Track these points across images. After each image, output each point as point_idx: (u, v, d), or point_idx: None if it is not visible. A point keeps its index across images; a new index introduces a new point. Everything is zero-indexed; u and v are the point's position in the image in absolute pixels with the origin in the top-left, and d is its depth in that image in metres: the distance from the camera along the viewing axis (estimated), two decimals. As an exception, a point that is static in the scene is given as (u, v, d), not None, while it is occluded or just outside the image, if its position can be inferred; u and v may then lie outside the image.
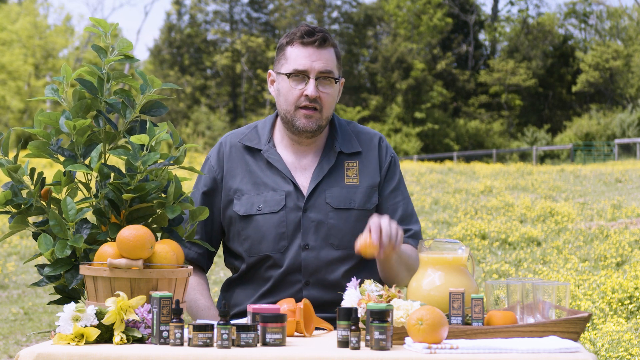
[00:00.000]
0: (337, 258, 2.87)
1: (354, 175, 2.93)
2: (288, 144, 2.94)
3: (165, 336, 2.23)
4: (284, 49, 2.89)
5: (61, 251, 2.42)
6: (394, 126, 42.87)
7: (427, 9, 45.72)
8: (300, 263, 2.86)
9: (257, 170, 2.92)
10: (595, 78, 43.66)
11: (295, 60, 2.85)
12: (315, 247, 2.86)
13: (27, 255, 10.82)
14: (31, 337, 7.24)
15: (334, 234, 2.86)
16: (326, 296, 2.86)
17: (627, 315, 6.69)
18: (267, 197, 2.88)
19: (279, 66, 2.90)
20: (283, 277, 2.87)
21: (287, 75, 2.86)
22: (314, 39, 2.84)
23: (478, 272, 9.09)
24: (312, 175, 2.91)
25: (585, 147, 37.30)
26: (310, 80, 2.84)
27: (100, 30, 2.62)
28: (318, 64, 2.84)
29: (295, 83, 2.85)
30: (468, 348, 2.14)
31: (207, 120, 43.21)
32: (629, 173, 19.75)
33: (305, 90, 2.84)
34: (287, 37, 2.90)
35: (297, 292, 2.86)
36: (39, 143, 2.56)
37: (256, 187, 2.90)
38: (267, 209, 2.87)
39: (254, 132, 2.98)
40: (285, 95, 2.87)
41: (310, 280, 2.86)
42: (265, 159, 2.92)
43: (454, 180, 19.20)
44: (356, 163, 2.95)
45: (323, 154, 2.93)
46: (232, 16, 50.80)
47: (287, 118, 2.88)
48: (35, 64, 40.35)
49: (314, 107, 2.85)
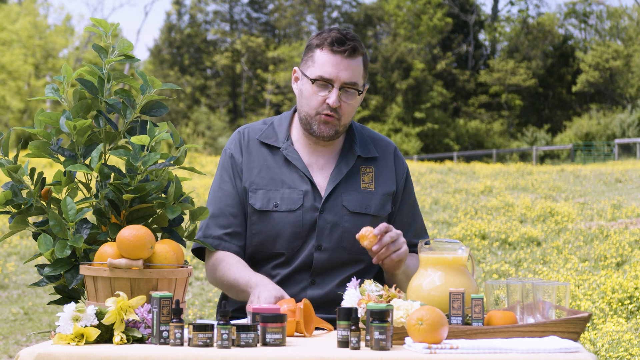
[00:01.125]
0: (347, 261, 2.89)
1: (370, 181, 2.94)
2: (305, 143, 2.95)
3: (165, 336, 2.23)
4: (313, 51, 2.88)
5: (61, 251, 2.42)
6: (394, 126, 42.86)
7: (427, 9, 45.70)
8: (312, 263, 2.86)
9: (274, 167, 2.92)
10: (595, 78, 43.65)
11: (322, 67, 2.84)
12: (328, 248, 2.87)
13: (27, 255, 10.82)
14: (31, 337, 7.24)
15: (347, 237, 2.87)
16: (329, 296, 2.86)
17: (627, 315, 6.69)
18: (284, 195, 2.88)
19: (305, 67, 2.90)
20: (290, 275, 2.88)
21: (311, 81, 2.85)
22: (344, 48, 2.84)
23: (478, 272, 9.09)
24: (330, 176, 2.91)
25: (585, 147, 37.30)
26: (333, 90, 2.84)
27: (101, 30, 2.62)
28: (344, 74, 2.84)
29: (319, 89, 2.85)
30: (468, 348, 2.14)
31: (207, 120, 43.20)
32: (629, 173, 19.75)
33: (327, 98, 2.84)
34: (318, 38, 2.88)
35: (302, 291, 2.87)
36: (39, 143, 2.57)
37: (273, 183, 2.90)
38: (284, 206, 2.87)
39: (271, 129, 2.98)
40: (307, 98, 2.88)
41: (316, 280, 2.87)
42: (284, 156, 2.92)
43: (454, 180, 19.19)
44: (372, 169, 2.96)
45: (341, 156, 2.95)
46: (232, 16, 50.80)
47: (307, 120, 2.89)
48: (35, 64, 40.35)
49: (334, 115, 2.86)
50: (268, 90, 46.47)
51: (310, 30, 49.77)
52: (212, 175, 19.81)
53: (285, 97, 45.42)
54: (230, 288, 2.84)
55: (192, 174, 13.15)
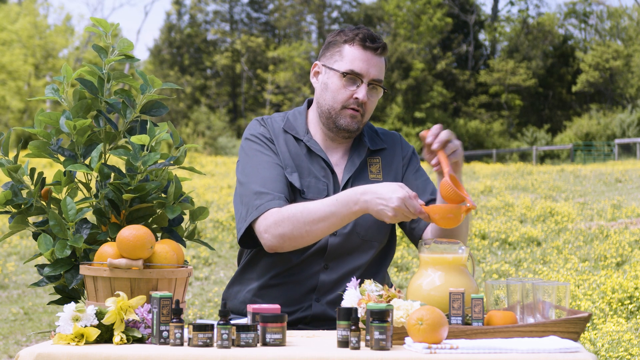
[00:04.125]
0: (360, 247, 2.93)
1: (377, 172, 2.99)
2: (321, 138, 2.98)
3: (165, 336, 2.24)
4: (340, 46, 2.91)
5: (61, 251, 2.42)
6: (394, 126, 42.86)
7: (427, 9, 45.69)
8: (326, 248, 2.89)
9: (299, 154, 2.94)
10: (595, 78, 43.64)
11: (352, 62, 2.88)
12: (343, 234, 2.90)
13: (27, 255, 10.82)
14: (31, 337, 7.24)
15: (360, 223, 2.91)
16: (339, 281, 2.90)
17: (627, 315, 6.69)
18: (310, 183, 2.91)
19: (332, 61, 2.92)
20: (305, 259, 2.90)
21: (342, 74, 2.88)
22: (376, 45, 2.89)
23: (478, 272, 9.09)
24: (344, 168, 2.96)
25: (585, 147, 37.30)
26: (362, 85, 2.88)
27: (101, 30, 2.62)
28: (374, 70, 2.89)
29: (349, 83, 2.89)
30: (468, 348, 2.14)
31: (207, 120, 43.19)
32: (629, 173, 19.74)
33: (356, 93, 2.88)
34: (345, 34, 2.92)
35: (314, 275, 2.90)
36: (39, 143, 2.56)
37: (300, 169, 2.92)
38: (310, 194, 2.89)
39: (289, 122, 3.00)
40: (334, 92, 2.90)
41: (329, 265, 2.90)
42: (306, 147, 2.95)
43: (454, 180, 19.15)
44: (379, 159, 3.01)
45: (352, 149, 2.99)
46: (232, 16, 50.81)
47: (331, 114, 2.92)
48: (35, 64, 40.34)
49: (360, 110, 2.90)
50: (268, 90, 46.47)
51: (310, 30, 49.79)
52: (212, 175, 19.80)
53: (285, 97, 45.42)
54: (325, 218, 2.72)
55: (192, 174, 13.17)
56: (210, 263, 10.31)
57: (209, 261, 10.34)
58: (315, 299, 2.90)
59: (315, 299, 2.90)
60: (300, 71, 44.45)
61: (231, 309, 2.99)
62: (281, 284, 2.91)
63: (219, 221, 12.39)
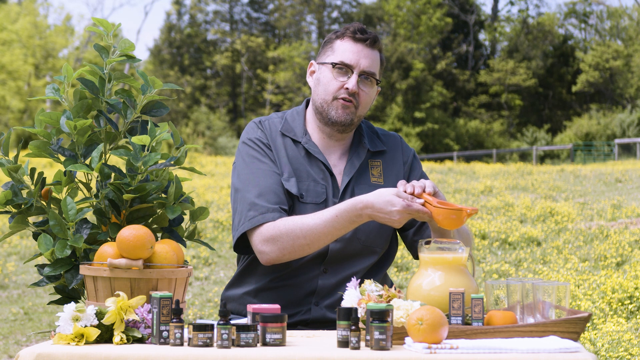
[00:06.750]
0: (360, 252, 2.92)
1: (379, 175, 2.99)
2: (319, 137, 2.97)
3: (165, 336, 2.24)
4: (332, 42, 2.94)
5: (61, 251, 2.42)
6: (394, 126, 42.85)
7: (426, 9, 45.70)
8: (327, 253, 2.88)
9: (297, 157, 2.93)
10: (595, 78, 43.65)
11: (342, 53, 2.90)
12: (344, 239, 2.89)
13: (27, 255, 10.82)
14: (31, 337, 7.24)
15: (362, 229, 2.90)
16: (338, 285, 2.90)
17: (627, 315, 6.69)
18: (309, 187, 2.90)
19: (324, 57, 2.94)
20: (304, 263, 2.89)
21: (332, 65, 2.89)
22: (366, 36, 2.90)
23: (478, 272, 9.09)
24: (344, 170, 2.95)
25: (585, 147, 37.30)
26: (353, 75, 2.88)
27: (102, 30, 2.62)
28: (364, 61, 2.89)
29: (339, 75, 2.90)
30: (468, 348, 2.14)
31: (207, 120, 43.19)
32: (629, 173, 19.75)
33: (346, 83, 2.89)
34: (336, 33, 2.95)
35: (313, 279, 2.89)
36: (39, 143, 2.57)
37: (298, 173, 2.91)
38: (309, 198, 2.89)
39: (287, 123, 2.99)
40: (325, 84, 2.91)
41: (328, 269, 2.90)
42: (304, 149, 2.94)
43: (454, 180, 19.19)
44: (380, 162, 3.00)
45: (352, 150, 2.98)
46: (232, 16, 50.81)
47: (323, 108, 2.91)
48: (35, 64, 40.34)
49: (352, 100, 2.89)
50: (268, 90, 46.47)
51: (310, 30, 49.78)
52: (212, 175, 19.80)
53: (285, 97, 45.42)
54: (325, 234, 2.74)
55: (192, 174, 13.17)
56: (210, 263, 10.32)
57: (209, 261, 10.34)
58: (314, 303, 2.89)
59: (314, 302, 2.89)
60: (300, 71, 44.45)
61: (230, 310, 2.99)
62: (280, 287, 2.91)
63: (219, 221, 12.40)
